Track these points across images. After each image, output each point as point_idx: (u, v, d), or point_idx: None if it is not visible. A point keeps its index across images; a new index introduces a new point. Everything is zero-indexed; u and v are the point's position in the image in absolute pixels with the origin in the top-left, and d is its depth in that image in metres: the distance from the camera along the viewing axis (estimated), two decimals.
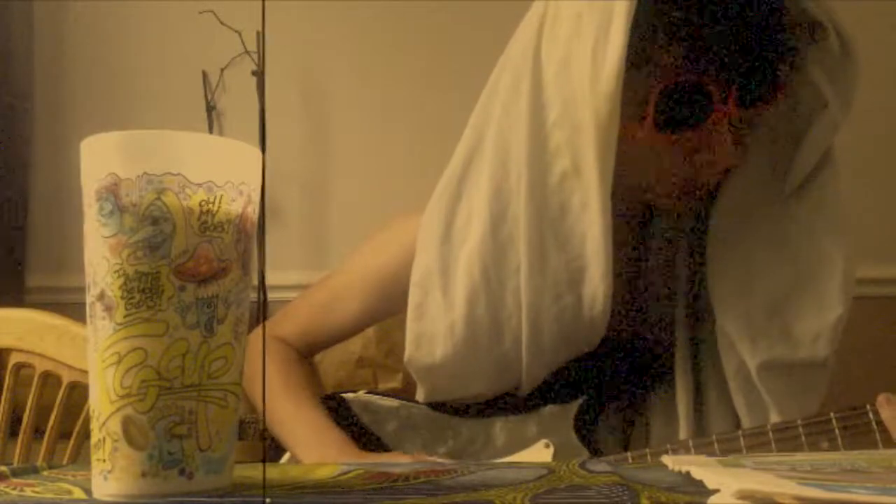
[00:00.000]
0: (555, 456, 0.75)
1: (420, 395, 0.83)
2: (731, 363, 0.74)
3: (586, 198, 0.70)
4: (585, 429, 0.77)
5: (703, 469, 0.39)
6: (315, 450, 0.79)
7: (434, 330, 0.77)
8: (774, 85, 0.70)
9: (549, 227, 0.72)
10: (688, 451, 0.68)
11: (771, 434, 0.65)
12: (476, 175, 0.76)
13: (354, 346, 1.49)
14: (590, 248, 0.71)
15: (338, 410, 0.84)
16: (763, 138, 0.75)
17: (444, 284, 0.77)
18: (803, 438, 0.64)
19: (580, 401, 0.77)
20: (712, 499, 0.32)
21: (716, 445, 0.67)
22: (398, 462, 0.70)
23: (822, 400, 0.74)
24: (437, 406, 0.82)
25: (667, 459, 0.47)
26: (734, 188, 0.75)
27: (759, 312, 0.73)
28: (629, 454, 0.71)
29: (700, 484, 0.37)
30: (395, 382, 1.52)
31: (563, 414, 0.77)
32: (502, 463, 0.67)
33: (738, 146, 0.71)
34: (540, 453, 0.75)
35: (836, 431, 0.63)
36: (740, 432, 0.67)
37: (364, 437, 0.82)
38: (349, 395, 0.86)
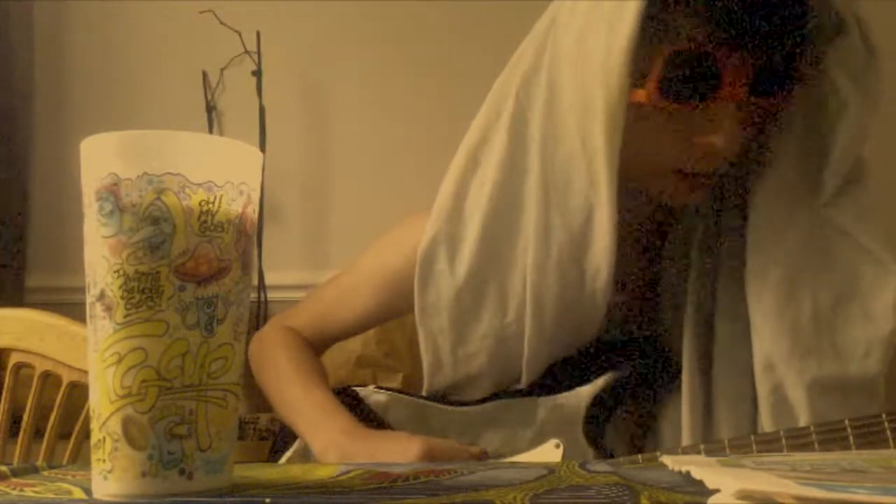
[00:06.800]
0: (564, 456, 0.75)
1: (425, 387, 0.84)
2: (766, 384, 0.71)
3: (592, 174, 0.71)
4: (594, 432, 0.77)
5: (702, 469, 0.39)
6: (322, 431, 0.79)
7: (439, 298, 0.79)
8: (789, 77, 0.69)
9: (554, 203, 0.73)
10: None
11: (784, 440, 0.64)
12: (490, 150, 0.77)
13: (354, 345, 1.48)
14: (595, 223, 0.72)
15: (349, 404, 0.84)
16: (791, 146, 0.72)
17: (452, 254, 0.78)
18: (816, 446, 0.63)
19: (589, 400, 0.77)
20: (712, 499, 0.32)
21: (728, 451, 0.66)
22: (399, 463, 0.70)
23: None
24: (443, 402, 0.83)
25: (667, 459, 0.47)
26: (766, 203, 0.73)
27: (805, 328, 0.70)
28: (640, 456, 0.71)
29: (700, 484, 0.36)
30: (394, 382, 1.52)
31: (572, 414, 0.77)
32: (503, 463, 0.67)
33: (742, 136, 0.70)
34: (550, 453, 0.75)
35: (851, 439, 0.62)
36: (753, 437, 0.65)
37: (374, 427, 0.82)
38: (360, 389, 0.86)
